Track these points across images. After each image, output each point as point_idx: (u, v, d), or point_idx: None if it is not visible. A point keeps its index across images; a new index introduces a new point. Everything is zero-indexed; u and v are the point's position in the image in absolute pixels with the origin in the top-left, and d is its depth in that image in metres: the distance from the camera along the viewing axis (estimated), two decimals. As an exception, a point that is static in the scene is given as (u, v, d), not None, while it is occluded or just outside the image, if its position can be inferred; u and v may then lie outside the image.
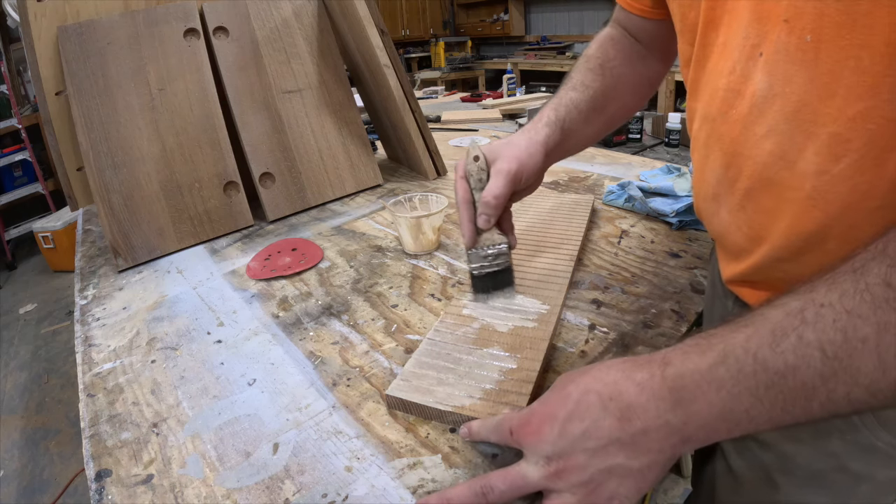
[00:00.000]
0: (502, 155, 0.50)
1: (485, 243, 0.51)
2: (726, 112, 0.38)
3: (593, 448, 0.31)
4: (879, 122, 0.29)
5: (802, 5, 0.31)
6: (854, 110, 0.30)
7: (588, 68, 0.57)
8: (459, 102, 2.12)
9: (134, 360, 0.56)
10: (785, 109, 0.33)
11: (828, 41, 0.30)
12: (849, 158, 0.31)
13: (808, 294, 0.27)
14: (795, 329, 0.26)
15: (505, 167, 0.49)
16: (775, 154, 0.35)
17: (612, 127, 0.62)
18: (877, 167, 0.30)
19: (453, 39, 5.65)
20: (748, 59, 0.35)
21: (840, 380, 0.25)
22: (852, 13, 0.28)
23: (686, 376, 0.29)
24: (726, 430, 0.29)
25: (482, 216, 0.49)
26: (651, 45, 0.58)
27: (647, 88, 0.61)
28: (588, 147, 0.62)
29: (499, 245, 0.51)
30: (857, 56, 0.29)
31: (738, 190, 0.39)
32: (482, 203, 0.49)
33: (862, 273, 0.26)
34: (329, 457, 0.41)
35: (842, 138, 0.31)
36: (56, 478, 1.54)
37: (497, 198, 0.48)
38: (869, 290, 0.25)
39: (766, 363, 0.27)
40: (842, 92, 0.30)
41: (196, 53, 0.86)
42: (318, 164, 0.95)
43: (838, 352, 0.25)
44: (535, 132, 0.53)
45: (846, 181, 0.32)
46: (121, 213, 0.79)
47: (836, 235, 0.34)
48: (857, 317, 0.25)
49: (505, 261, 0.52)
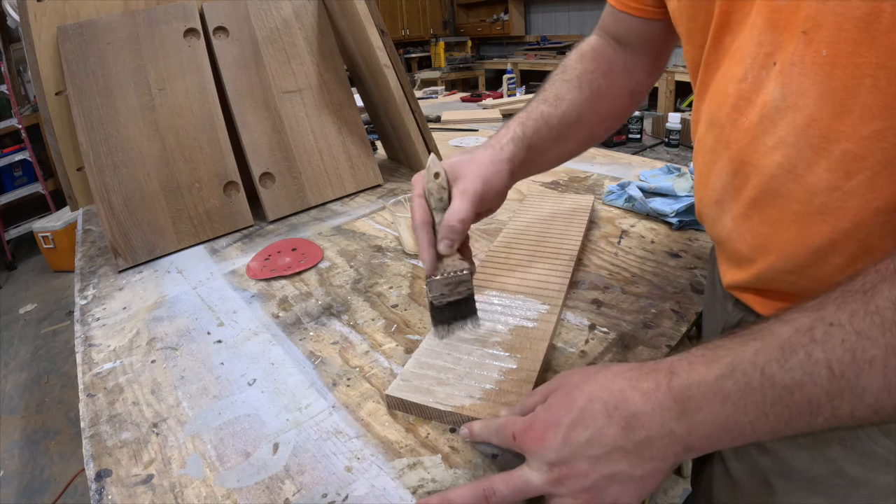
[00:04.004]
0: (465, 173, 0.46)
1: (445, 269, 0.45)
2: (736, 119, 0.38)
3: (596, 455, 0.31)
4: (894, 142, 0.29)
5: (822, 19, 0.30)
6: (869, 129, 0.30)
7: (564, 80, 0.54)
8: (459, 102, 2.12)
9: (134, 360, 0.56)
10: (796, 122, 0.33)
11: (844, 57, 0.30)
12: (862, 176, 0.31)
13: (817, 312, 0.27)
14: (804, 346, 0.27)
15: (470, 187, 0.45)
16: (784, 166, 0.34)
17: (585, 144, 0.58)
18: (889, 185, 0.30)
19: (453, 39, 5.64)
20: (761, 68, 0.35)
21: (845, 398, 0.26)
22: (871, 31, 0.28)
23: (692, 387, 0.29)
24: (729, 440, 0.29)
25: (445, 241, 0.44)
26: (641, 52, 0.55)
27: (629, 101, 0.58)
28: (561, 164, 0.58)
29: (460, 271, 0.45)
30: (875, 75, 0.29)
31: (744, 199, 0.39)
32: (445, 227, 0.44)
33: (872, 295, 0.26)
34: (329, 457, 0.41)
35: (855, 156, 0.31)
36: (56, 478, 1.54)
37: (462, 222, 0.44)
38: (879, 312, 0.25)
39: (773, 378, 0.27)
40: (857, 110, 0.30)
41: (196, 53, 0.86)
42: (318, 164, 0.95)
43: (846, 371, 0.25)
44: (499, 148, 0.48)
45: (857, 198, 0.31)
46: (121, 213, 0.79)
47: (844, 251, 0.34)
48: (867, 338, 0.25)
49: (467, 288, 0.46)
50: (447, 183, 0.46)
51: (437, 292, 0.45)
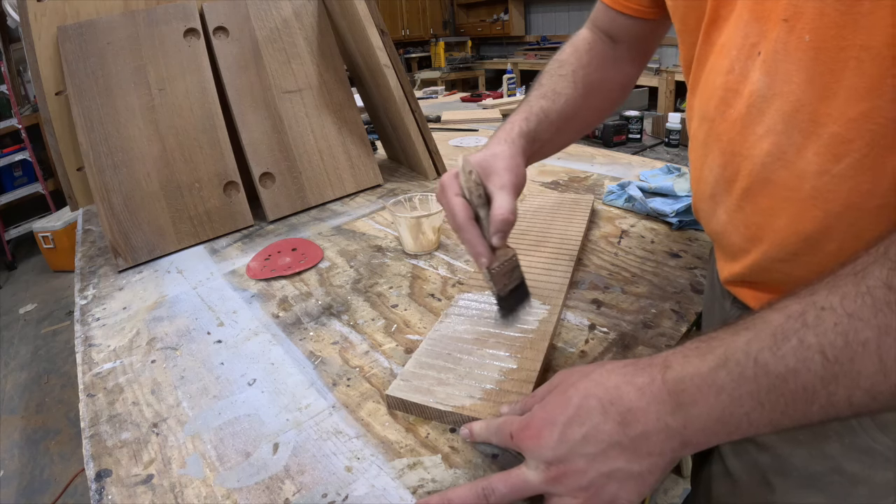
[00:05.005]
0: (496, 169, 0.48)
1: (500, 259, 0.47)
2: (724, 111, 0.38)
3: (593, 453, 0.31)
4: (881, 123, 0.29)
5: (802, 5, 0.30)
6: (855, 111, 0.30)
7: (560, 75, 0.56)
8: (459, 102, 2.12)
9: (134, 360, 0.56)
10: (783, 109, 0.33)
11: (827, 41, 0.30)
12: (850, 158, 0.31)
13: (809, 297, 0.27)
14: (796, 332, 0.26)
15: (507, 181, 0.47)
16: (773, 154, 0.35)
17: (581, 134, 0.62)
18: (878, 167, 0.30)
19: (453, 39, 5.64)
20: (747, 59, 0.35)
21: (841, 383, 0.25)
22: (853, 14, 0.28)
23: (686, 380, 0.29)
24: (726, 434, 0.29)
25: (499, 234, 0.45)
26: (632, 47, 0.57)
27: (620, 94, 0.61)
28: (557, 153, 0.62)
29: (511, 258, 0.48)
30: (858, 57, 0.29)
31: (736, 190, 0.39)
32: (499, 220, 0.45)
33: (863, 276, 0.26)
34: (329, 457, 0.41)
35: (843, 138, 0.31)
36: (56, 478, 1.54)
37: (513, 212, 0.45)
38: (870, 293, 0.25)
39: (766, 367, 0.27)
40: (842, 93, 0.30)
41: (196, 53, 0.86)
42: (318, 164, 0.95)
43: (839, 355, 0.25)
44: (512, 143, 0.50)
45: (847, 181, 0.32)
46: (121, 213, 0.79)
47: (836, 236, 0.34)
48: (858, 320, 0.25)
49: (520, 273, 0.50)
50: (480, 179, 0.48)
51: (500, 283, 0.48)
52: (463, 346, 0.49)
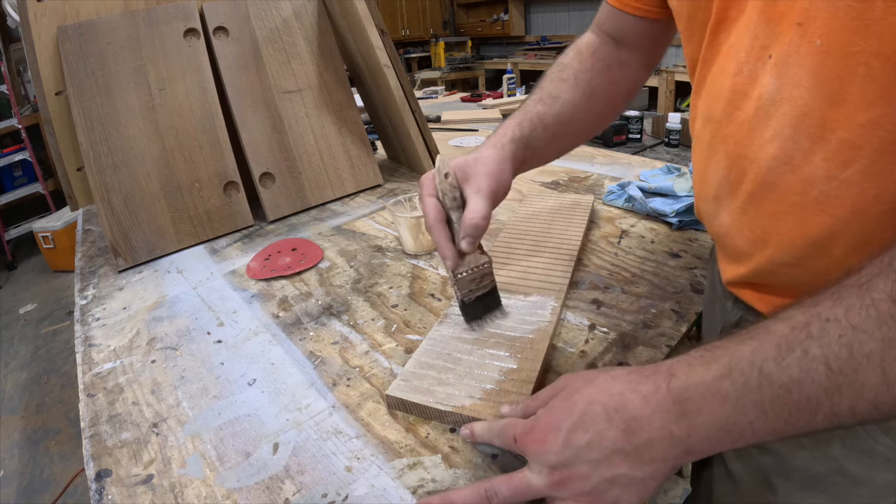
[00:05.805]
0: (476, 172, 0.47)
1: (469, 265, 0.47)
2: (731, 114, 0.38)
3: (597, 459, 0.31)
4: (890, 129, 0.29)
5: (815, 9, 0.30)
6: (865, 117, 0.30)
7: (561, 78, 0.55)
8: (459, 102, 2.12)
9: (134, 360, 0.56)
10: (791, 113, 0.33)
11: (838, 47, 0.30)
12: (859, 164, 0.31)
13: (814, 308, 0.27)
14: (801, 343, 0.26)
15: (484, 186, 0.46)
16: (780, 158, 0.34)
17: (582, 138, 0.60)
18: (886, 173, 0.30)
19: (453, 39, 5.64)
20: (756, 61, 0.35)
21: (844, 394, 0.25)
22: (864, 19, 0.28)
23: (691, 388, 0.29)
24: (730, 442, 0.29)
25: (467, 238, 0.45)
26: (639, 49, 0.56)
27: (624, 97, 0.59)
28: (557, 159, 0.60)
29: (482, 265, 0.47)
30: (868, 63, 0.29)
31: (742, 193, 0.39)
32: (468, 226, 0.44)
33: (867, 288, 0.26)
34: (329, 457, 0.41)
35: (852, 144, 0.31)
36: (56, 478, 1.54)
37: (484, 219, 0.45)
38: (874, 305, 0.25)
39: (771, 377, 0.27)
40: (852, 98, 0.30)
41: (196, 53, 0.86)
42: (318, 164, 0.95)
43: (843, 367, 0.25)
44: (501, 148, 0.50)
45: (854, 187, 0.31)
46: (121, 213, 0.79)
47: (842, 241, 0.34)
48: (863, 332, 0.25)
49: (490, 281, 0.49)
50: (456, 182, 0.47)
51: (465, 289, 0.48)
52: (463, 346, 0.49)
